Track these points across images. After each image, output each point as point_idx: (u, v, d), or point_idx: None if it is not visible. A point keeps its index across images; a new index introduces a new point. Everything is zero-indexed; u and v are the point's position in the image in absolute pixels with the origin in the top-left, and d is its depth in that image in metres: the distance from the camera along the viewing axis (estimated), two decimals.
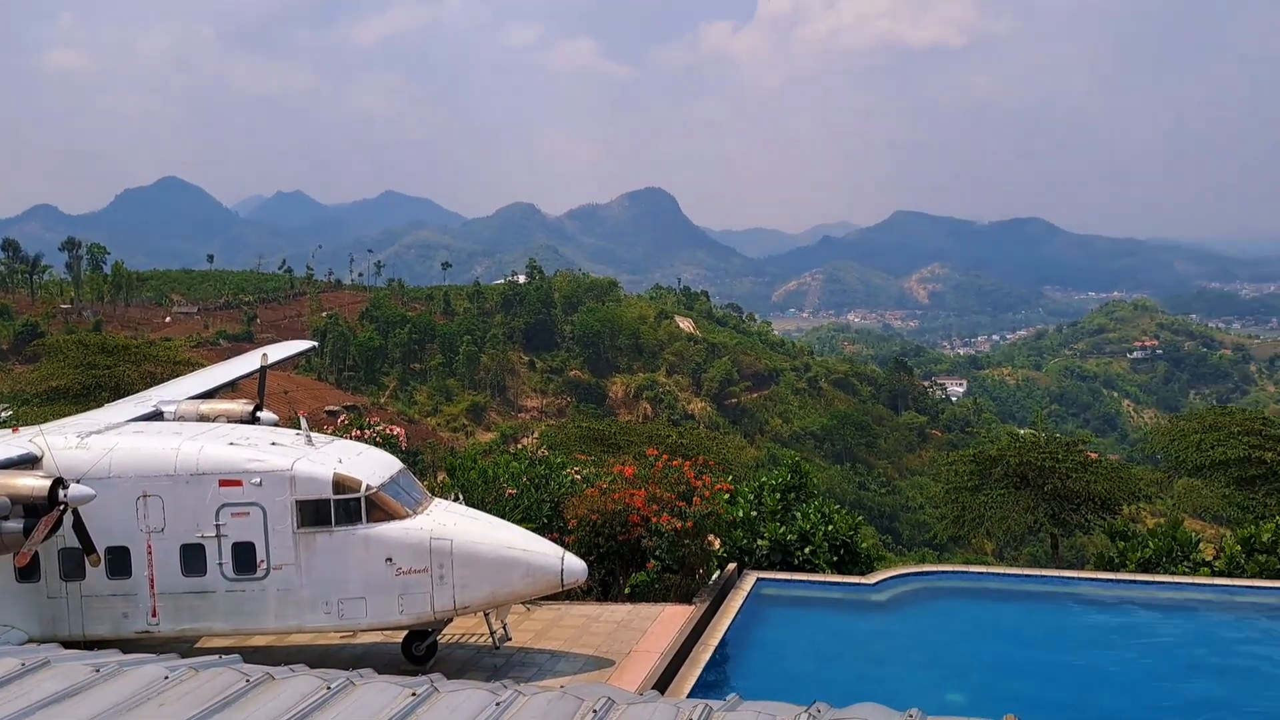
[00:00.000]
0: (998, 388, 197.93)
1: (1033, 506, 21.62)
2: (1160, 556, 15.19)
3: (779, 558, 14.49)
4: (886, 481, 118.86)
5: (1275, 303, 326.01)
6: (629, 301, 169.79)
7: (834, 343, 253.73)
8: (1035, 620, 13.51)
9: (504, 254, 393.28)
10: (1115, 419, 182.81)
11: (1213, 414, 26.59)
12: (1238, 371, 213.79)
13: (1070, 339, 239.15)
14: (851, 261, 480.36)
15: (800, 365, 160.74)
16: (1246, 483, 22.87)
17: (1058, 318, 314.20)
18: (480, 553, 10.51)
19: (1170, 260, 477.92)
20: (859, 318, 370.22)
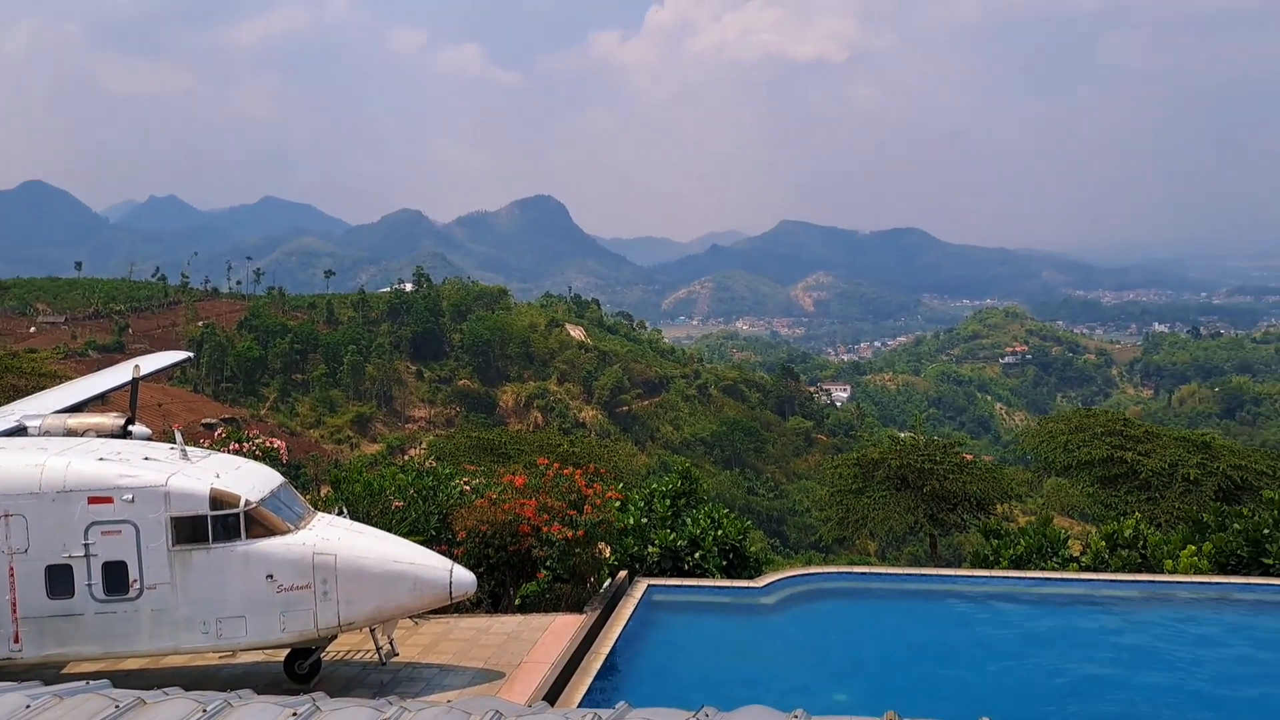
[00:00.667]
0: (880, 393, 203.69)
1: (913, 507, 22.31)
2: (1031, 553, 15.86)
3: (670, 564, 14.59)
4: (774, 486, 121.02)
5: (1134, 310, 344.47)
6: (519, 310, 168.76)
7: (723, 350, 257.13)
8: (916, 618, 13.92)
9: (390, 262, 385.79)
10: (989, 421, 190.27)
11: (1078, 416, 27.87)
12: (1100, 375, 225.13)
13: (947, 345, 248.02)
14: (740, 270, 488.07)
15: (690, 372, 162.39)
16: (1110, 481, 24.02)
17: (935, 324, 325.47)
18: (366, 567, 10.28)
19: (1039, 270, 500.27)
20: (747, 325, 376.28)
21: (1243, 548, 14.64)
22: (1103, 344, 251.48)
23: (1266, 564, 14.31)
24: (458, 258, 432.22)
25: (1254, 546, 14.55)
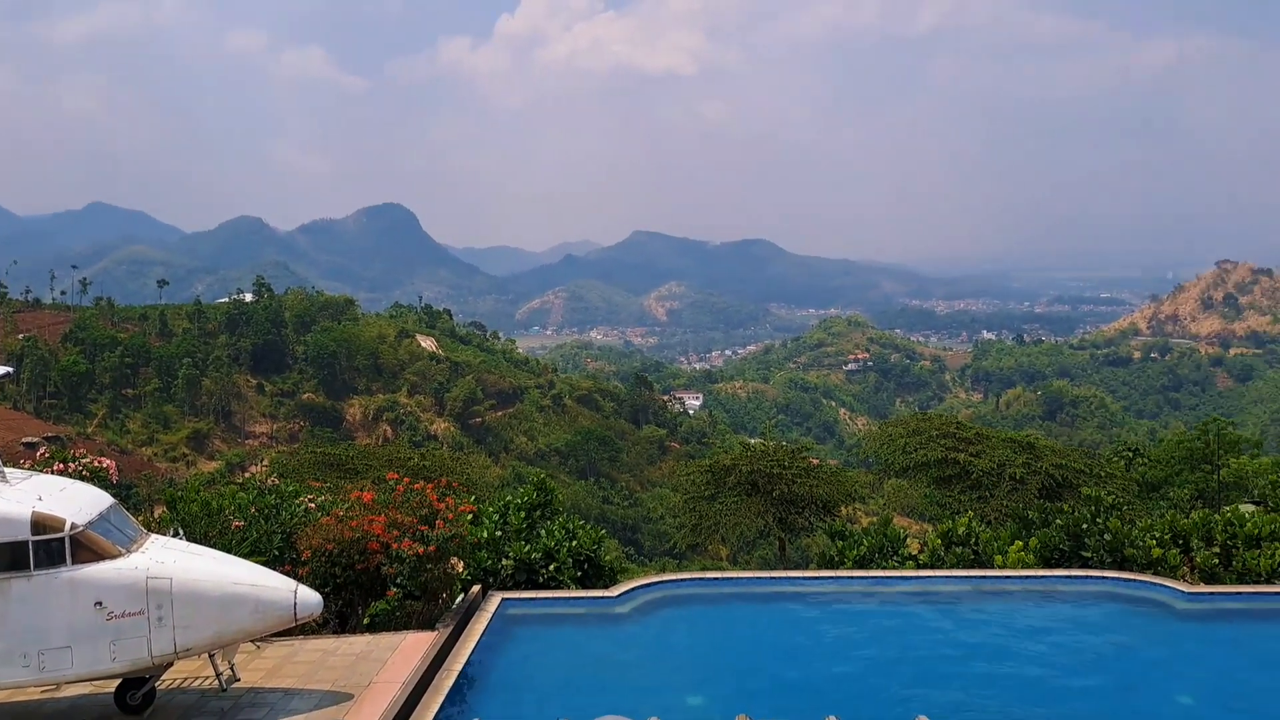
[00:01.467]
0: (731, 400, 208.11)
1: (763, 511, 22.85)
2: (874, 553, 16.49)
3: (524, 577, 14.48)
4: (629, 494, 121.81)
5: (965, 318, 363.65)
6: (367, 320, 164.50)
7: (578, 360, 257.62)
8: (767, 620, 14.24)
9: (229, 270, 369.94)
10: (834, 426, 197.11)
11: (915, 420, 29.12)
12: (935, 380, 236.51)
13: (794, 353, 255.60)
14: (594, 280, 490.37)
15: (545, 383, 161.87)
16: (944, 481, 25.19)
17: (783, 333, 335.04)
18: (203, 590, 9.80)
19: (879, 280, 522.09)
20: (601, 335, 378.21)
21: (1064, 542, 15.61)
22: (937, 351, 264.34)
23: (1086, 556, 15.30)
24: (301, 267, 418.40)
25: (1074, 540, 15.54)
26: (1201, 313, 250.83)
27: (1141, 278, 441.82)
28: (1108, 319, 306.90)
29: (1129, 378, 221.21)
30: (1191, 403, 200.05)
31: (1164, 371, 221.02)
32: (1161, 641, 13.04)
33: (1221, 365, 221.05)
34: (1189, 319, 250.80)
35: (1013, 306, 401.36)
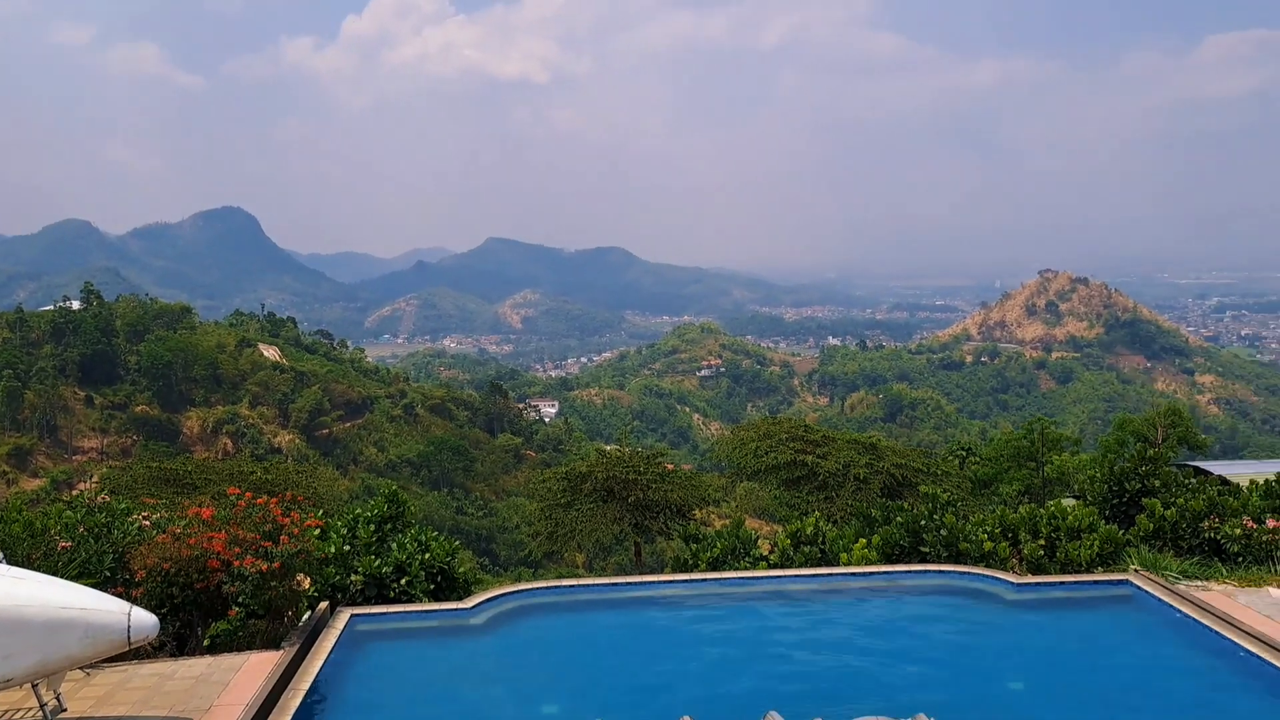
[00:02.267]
0: (586, 407, 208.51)
1: (619, 517, 23.00)
2: (727, 555, 16.83)
3: (375, 591, 14.11)
4: (484, 504, 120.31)
5: (811, 325, 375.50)
6: (205, 329, 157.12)
7: (430, 368, 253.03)
8: (624, 625, 14.32)
9: (53, 277, 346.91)
10: (688, 432, 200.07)
11: (765, 424, 29.87)
12: (784, 385, 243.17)
13: (649, 360, 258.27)
14: (447, 287, 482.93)
15: (396, 392, 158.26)
16: (793, 483, 25.96)
17: (638, 340, 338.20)
18: (26, 616, 9.14)
19: (730, 287, 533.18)
20: (455, 343, 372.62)
21: (904, 538, 16.31)
22: (786, 356, 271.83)
23: (924, 551, 16.02)
24: (134, 273, 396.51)
25: (914, 536, 16.25)
26: (1026, 319, 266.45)
27: (973, 286, 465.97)
28: (942, 325, 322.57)
29: (962, 380, 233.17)
30: (1018, 404, 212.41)
31: (993, 374, 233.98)
32: (994, 630, 13.78)
33: (1044, 368, 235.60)
34: (1015, 325, 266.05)
35: (856, 313, 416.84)
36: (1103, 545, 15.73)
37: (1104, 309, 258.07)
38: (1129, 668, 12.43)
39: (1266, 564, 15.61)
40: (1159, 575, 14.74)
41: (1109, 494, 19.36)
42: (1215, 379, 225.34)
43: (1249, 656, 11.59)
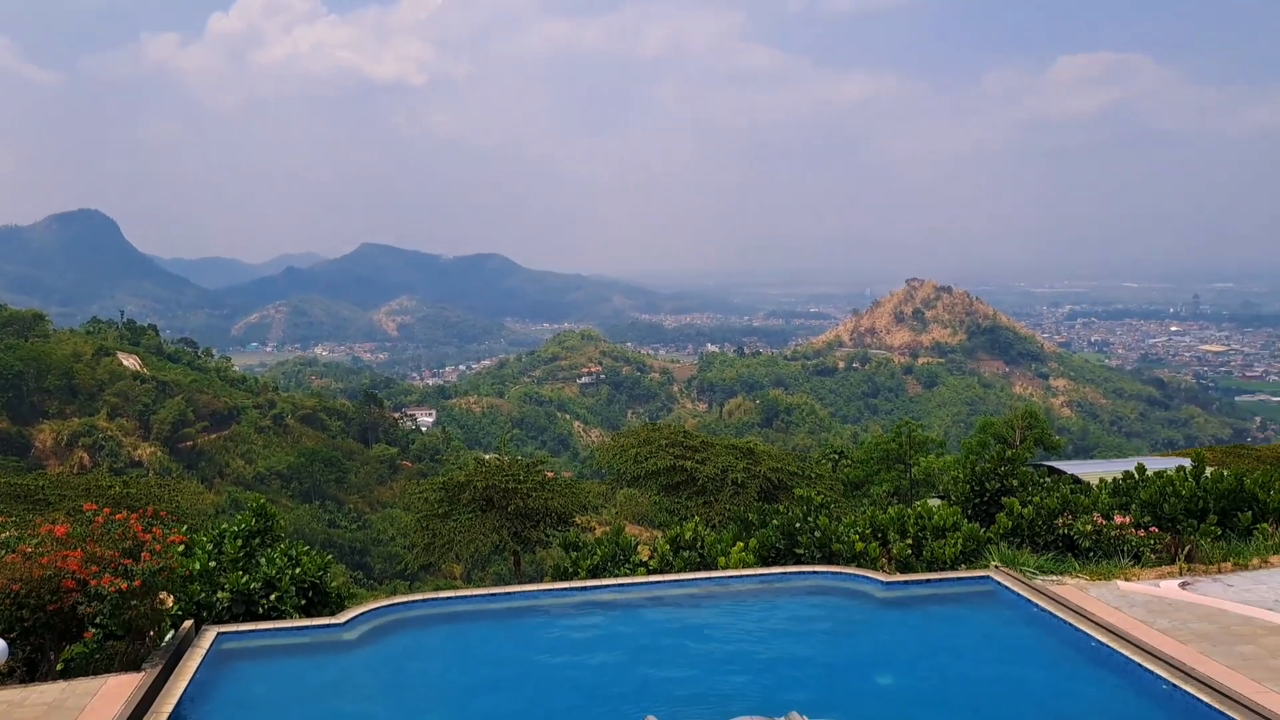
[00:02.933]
0: (465, 416, 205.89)
1: (498, 527, 22.80)
2: (607, 562, 16.88)
3: (243, 609, 13.62)
4: (358, 516, 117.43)
5: (691, 332, 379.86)
6: (60, 337, 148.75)
7: (301, 377, 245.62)
8: (504, 636, 14.19)
9: None
10: (568, 439, 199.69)
11: (645, 430, 30.12)
12: (664, 392, 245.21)
13: (529, 367, 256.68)
14: (318, 294, 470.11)
15: (264, 402, 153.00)
16: (673, 488, 26.23)
17: (518, 347, 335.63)
18: None
19: (610, 295, 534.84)
20: (327, 351, 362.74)
21: (780, 540, 16.66)
22: (665, 363, 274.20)
23: (799, 553, 16.40)
24: None
25: (789, 538, 16.62)
26: (895, 326, 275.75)
27: (845, 294, 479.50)
28: (816, 332, 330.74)
29: (835, 386, 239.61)
30: (888, 408, 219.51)
31: (864, 380, 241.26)
32: (865, 627, 14.21)
33: (911, 373, 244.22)
34: (884, 331, 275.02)
35: (734, 321, 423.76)
36: (966, 543, 16.40)
37: (966, 316, 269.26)
38: (991, 660, 13.00)
39: (1115, 558, 16.54)
40: (1017, 571, 15.45)
41: (971, 494, 20.19)
42: (1068, 383, 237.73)
43: (1100, 646, 12.26)
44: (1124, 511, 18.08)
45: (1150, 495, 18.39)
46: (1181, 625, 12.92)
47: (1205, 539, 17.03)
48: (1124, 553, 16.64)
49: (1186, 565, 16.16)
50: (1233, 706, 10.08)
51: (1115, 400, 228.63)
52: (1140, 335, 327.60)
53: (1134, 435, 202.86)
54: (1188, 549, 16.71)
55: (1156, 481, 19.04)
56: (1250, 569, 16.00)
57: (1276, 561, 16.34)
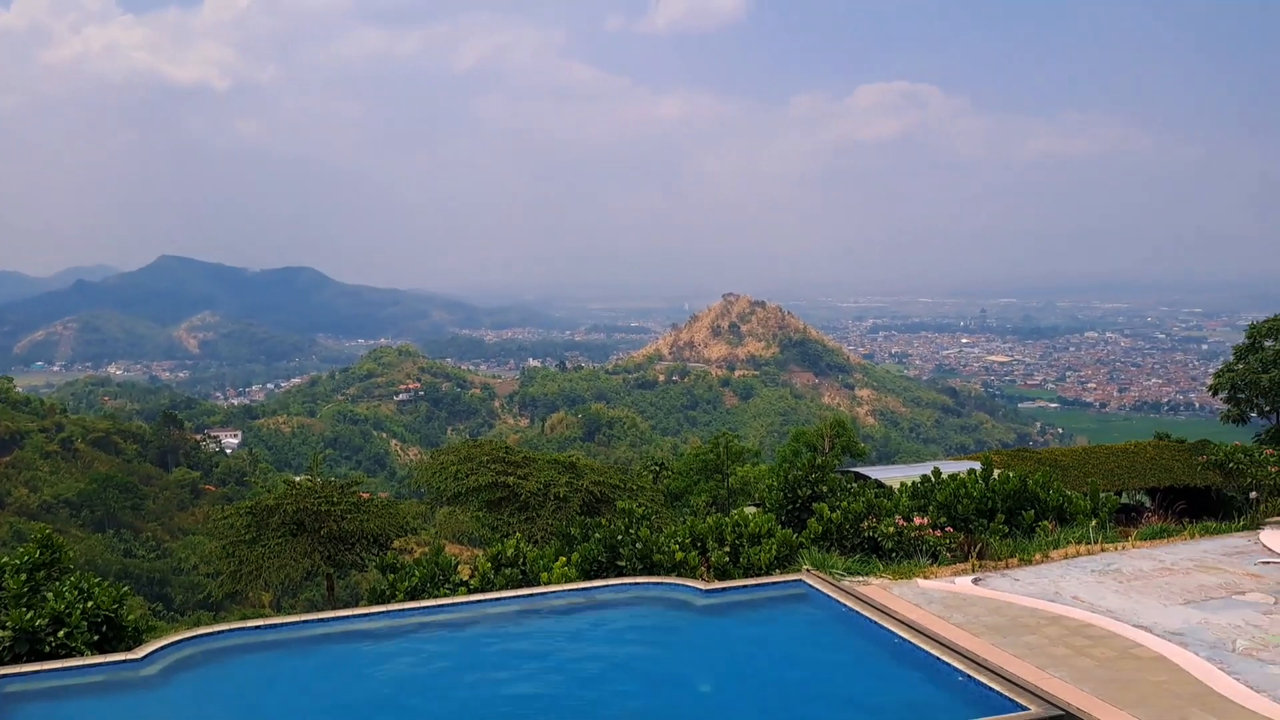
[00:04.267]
0: (274, 436, 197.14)
1: (310, 551, 21.96)
2: (426, 583, 16.53)
3: (27, 648, 12.57)
4: (157, 545, 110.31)
5: (512, 347, 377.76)
6: None
7: (93, 398, 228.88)
8: (318, 663, 13.68)
9: None
10: (385, 458, 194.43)
11: (466, 447, 29.73)
12: (485, 408, 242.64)
13: (343, 384, 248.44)
14: (112, 309, 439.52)
15: (51, 425, 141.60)
16: (494, 505, 25.99)
17: (331, 364, 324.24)
18: None
19: (429, 309, 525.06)
20: (122, 370, 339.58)
21: (602, 554, 16.79)
22: (486, 379, 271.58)
23: (621, 565, 16.56)
24: None
25: (611, 551, 16.76)
26: (712, 339, 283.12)
27: (665, 308, 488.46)
28: (637, 346, 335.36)
29: (655, 399, 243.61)
30: (706, 419, 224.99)
31: (683, 392, 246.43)
32: (685, 636, 14.49)
33: (729, 385, 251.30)
34: (702, 345, 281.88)
35: (555, 335, 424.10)
36: (780, 549, 17.00)
37: (779, 330, 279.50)
38: (804, 660, 13.52)
39: (915, 557, 17.54)
40: (827, 573, 16.15)
41: (785, 500, 20.97)
42: (871, 393, 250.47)
43: (902, 642, 12.97)
44: (922, 513, 19.21)
45: (945, 497, 19.63)
46: (974, 619, 13.83)
47: (994, 537, 18.31)
48: (923, 552, 17.67)
49: (978, 562, 17.31)
50: (1019, 693, 10.86)
51: (914, 408, 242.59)
52: (935, 347, 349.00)
53: (930, 441, 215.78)
54: (979, 547, 17.89)
55: (951, 484, 20.35)
56: (1034, 564, 17.30)
57: (1056, 556, 17.75)
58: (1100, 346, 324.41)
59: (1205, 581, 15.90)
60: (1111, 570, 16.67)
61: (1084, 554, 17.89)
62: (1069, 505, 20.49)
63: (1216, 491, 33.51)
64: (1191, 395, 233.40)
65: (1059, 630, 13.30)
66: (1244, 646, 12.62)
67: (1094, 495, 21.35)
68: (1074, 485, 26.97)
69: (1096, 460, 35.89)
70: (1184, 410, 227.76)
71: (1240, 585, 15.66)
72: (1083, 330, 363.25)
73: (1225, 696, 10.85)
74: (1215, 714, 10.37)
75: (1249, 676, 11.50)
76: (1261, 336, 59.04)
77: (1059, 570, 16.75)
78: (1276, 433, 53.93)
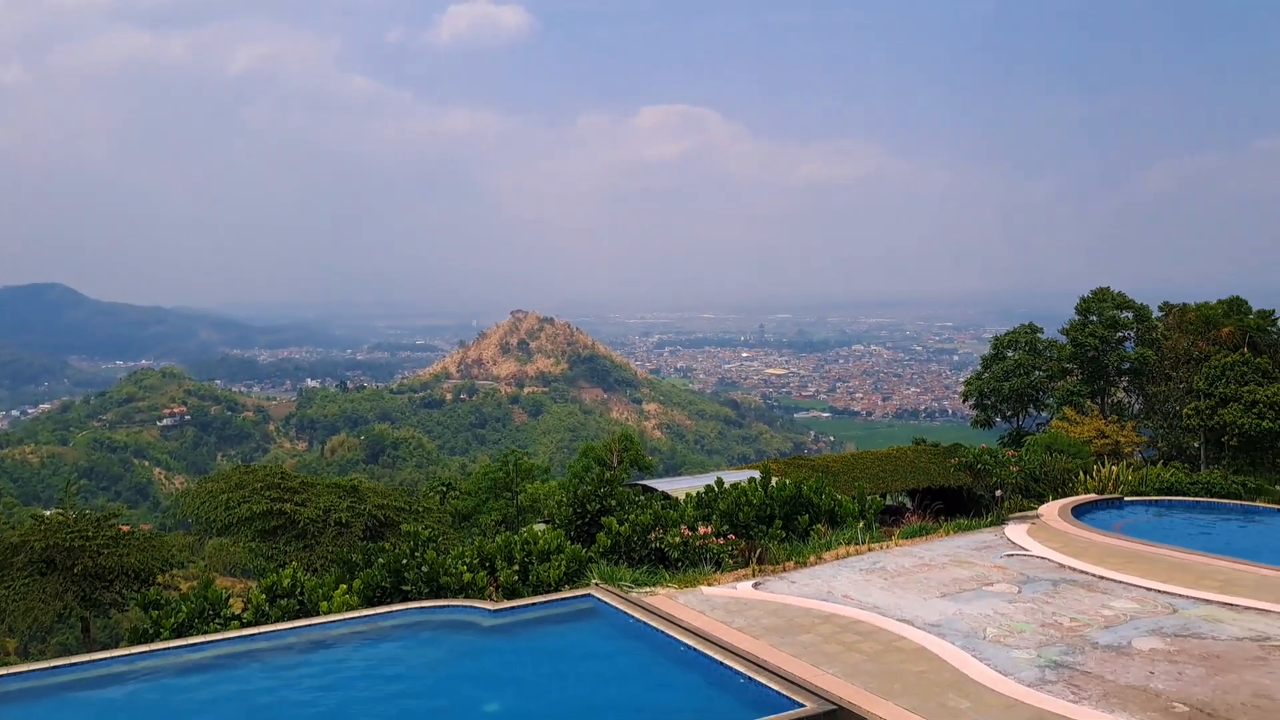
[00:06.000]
0: (19, 468, 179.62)
1: (62, 591, 20.23)
2: (194, 618, 15.51)
3: None
4: None
5: (289, 367, 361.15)
6: None
7: None
8: (71, 712, 12.60)
9: None
10: (148, 488, 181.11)
11: (238, 473, 28.15)
12: (259, 431, 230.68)
13: (99, 410, 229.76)
14: None
15: None
16: (270, 534, 24.75)
17: (86, 388, 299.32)
18: None
19: (197, 328, 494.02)
20: None
21: (386, 579, 16.31)
22: (260, 401, 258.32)
23: (406, 590, 16.15)
24: None
25: (395, 576, 16.31)
26: (501, 356, 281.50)
27: (453, 325, 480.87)
28: (424, 364, 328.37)
29: (443, 418, 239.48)
30: (495, 438, 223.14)
31: (472, 411, 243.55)
32: (473, 658, 14.29)
33: (518, 403, 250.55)
34: (491, 362, 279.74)
35: (336, 354, 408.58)
36: (569, 564, 17.08)
37: (568, 346, 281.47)
38: (593, 673, 13.62)
39: (700, 566, 18.07)
40: (616, 586, 16.37)
41: (574, 516, 21.10)
42: (658, 406, 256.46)
43: (688, 649, 13.31)
44: (706, 522, 19.83)
45: (728, 506, 20.35)
46: (754, 622, 14.39)
47: (773, 542, 19.14)
48: (708, 560, 18.23)
49: (759, 567, 18.04)
50: (796, 691, 11.37)
51: (698, 421, 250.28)
52: (717, 361, 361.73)
53: (714, 452, 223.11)
54: (759, 552, 18.66)
55: (732, 493, 21.12)
56: (809, 565, 18.21)
57: (829, 557, 18.75)
58: (866, 359, 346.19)
59: (959, 575, 17.23)
60: (878, 568, 17.77)
61: (853, 554, 18.99)
62: (839, 509, 21.72)
63: (968, 491, 36.40)
64: (945, 402, 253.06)
65: (831, 628, 14.04)
66: (993, 634, 13.76)
67: (861, 498, 22.73)
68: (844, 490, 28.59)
69: (863, 465, 38.18)
70: (939, 416, 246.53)
71: (989, 577, 17.07)
72: (850, 344, 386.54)
73: (978, 682, 11.78)
74: (969, 698, 11.24)
75: (997, 661, 12.55)
76: (1003, 348, 65.00)
77: (831, 571, 17.70)
78: (1017, 435, 59.32)
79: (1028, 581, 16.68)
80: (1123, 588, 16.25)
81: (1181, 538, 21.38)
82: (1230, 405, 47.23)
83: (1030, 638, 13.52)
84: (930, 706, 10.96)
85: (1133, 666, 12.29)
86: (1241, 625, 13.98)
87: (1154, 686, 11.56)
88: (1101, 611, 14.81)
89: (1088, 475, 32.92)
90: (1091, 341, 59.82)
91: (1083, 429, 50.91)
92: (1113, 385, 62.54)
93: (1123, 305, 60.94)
